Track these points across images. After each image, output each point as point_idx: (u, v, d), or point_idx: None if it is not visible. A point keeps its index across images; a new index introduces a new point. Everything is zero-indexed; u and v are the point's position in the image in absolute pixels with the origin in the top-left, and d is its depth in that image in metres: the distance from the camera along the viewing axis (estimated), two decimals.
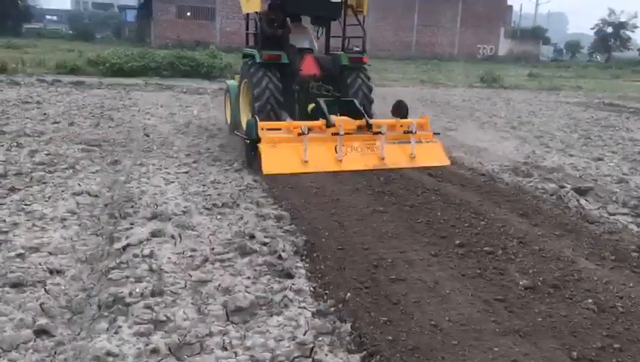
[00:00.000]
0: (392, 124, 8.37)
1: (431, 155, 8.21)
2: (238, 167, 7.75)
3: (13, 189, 6.18)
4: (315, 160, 7.51)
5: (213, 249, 4.73)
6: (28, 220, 5.24)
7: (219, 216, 5.63)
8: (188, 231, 5.14)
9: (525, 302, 3.97)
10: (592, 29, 62.30)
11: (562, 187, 7.00)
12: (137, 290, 3.85)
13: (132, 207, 5.72)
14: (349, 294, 3.89)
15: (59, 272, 4.22)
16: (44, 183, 6.50)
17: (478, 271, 4.46)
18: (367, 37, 9.59)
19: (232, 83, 10.79)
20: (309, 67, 9.31)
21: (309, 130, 7.64)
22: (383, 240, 5.08)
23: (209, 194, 6.38)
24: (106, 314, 3.59)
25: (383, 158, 7.85)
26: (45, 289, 3.94)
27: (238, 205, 6.00)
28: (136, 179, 6.92)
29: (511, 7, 63.46)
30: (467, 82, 26.88)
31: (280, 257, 4.55)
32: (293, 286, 4.05)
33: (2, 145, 8.33)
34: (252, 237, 5.00)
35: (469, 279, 4.31)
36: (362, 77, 9.45)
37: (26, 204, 5.69)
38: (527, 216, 5.93)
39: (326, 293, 3.98)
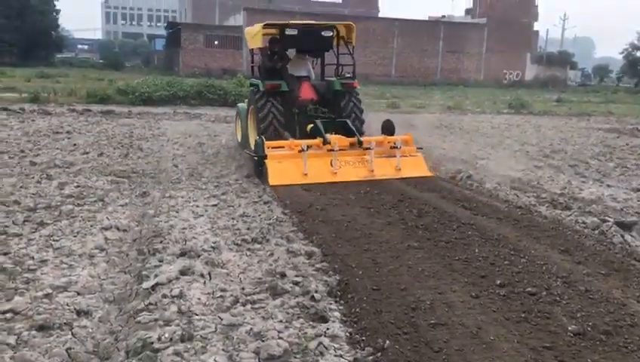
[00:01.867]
0: (380, 141, 9.47)
1: (414, 167, 9.30)
2: (267, 199, 7.64)
3: (42, 223, 6.14)
4: (314, 172, 8.64)
5: (243, 289, 4.57)
6: (56, 257, 5.15)
7: (248, 253, 5.48)
8: (217, 268, 4.99)
9: (576, 350, 3.72)
10: (620, 53, 61.46)
11: (604, 221, 6.69)
12: (166, 335, 3.69)
13: (161, 242, 5.60)
14: (387, 341, 3.68)
15: (86, 314, 4.10)
16: (73, 217, 6.44)
17: (523, 314, 4.21)
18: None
19: (242, 106, 11.99)
20: (306, 93, 10.59)
21: (309, 147, 8.79)
22: (419, 279, 4.86)
23: (238, 229, 6.26)
24: (134, 361, 3.43)
25: (372, 170, 8.95)
26: (72, 332, 3.81)
27: (267, 240, 5.85)
28: (165, 212, 6.83)
29: (537, 32, 63.12)
30: (495, 108, 26.56)
31: (313, 298, 4.36)
32: (328, 332, 3.84)
33: (32, 178, 8.35)
34: (283, 275, 4.83)
35: (514, 324, 4.07)
36: (354, 100, 10.60)
37: (54, 240, 5.61)
38: (569, 253, 5.65)
39: (363, 340, 3.77)
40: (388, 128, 10.03)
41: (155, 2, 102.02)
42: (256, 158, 9.00)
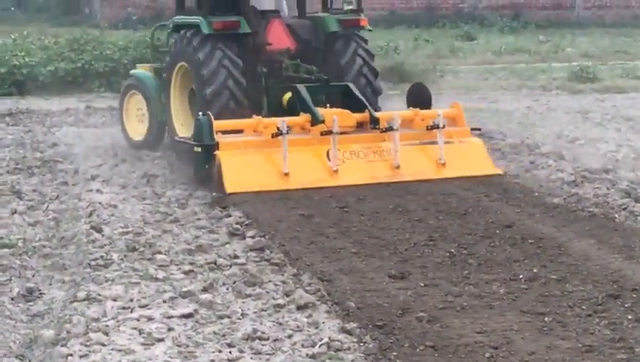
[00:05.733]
0: (409, 118, 11.59)
1: (469, 160, 11.20)
2: (305, 298, 7.34)
3: None
4: (300, 171, 10.65)
5: None
6: None
7: None
8: None
9: None
10: None
11: None
12: None
13: None
14: None
15: None
16: None
17: None
18: None
19: (143, 73, 14.78)
20: (278, 38, 12.87)
21: (289, 129, 10.66)
22: None
23: None
24: None
25: (397, 167, 10.88)
26: None
27: None
28: (79, 334, 6.52)
29: None
30: None
31: None
32: None
33: None
34: None
35: None
36: (361, 51, 12.88)
37: None
38: None
39: None
40: (419, 97, 12.12)
41: None
42: (198, 150, 11.03)
